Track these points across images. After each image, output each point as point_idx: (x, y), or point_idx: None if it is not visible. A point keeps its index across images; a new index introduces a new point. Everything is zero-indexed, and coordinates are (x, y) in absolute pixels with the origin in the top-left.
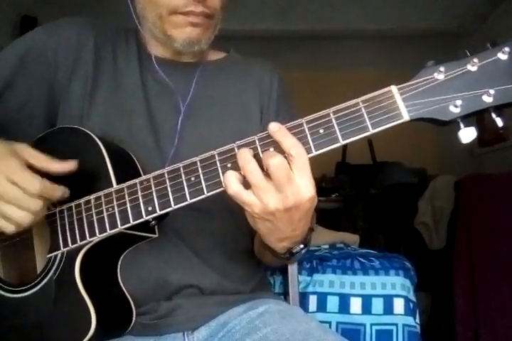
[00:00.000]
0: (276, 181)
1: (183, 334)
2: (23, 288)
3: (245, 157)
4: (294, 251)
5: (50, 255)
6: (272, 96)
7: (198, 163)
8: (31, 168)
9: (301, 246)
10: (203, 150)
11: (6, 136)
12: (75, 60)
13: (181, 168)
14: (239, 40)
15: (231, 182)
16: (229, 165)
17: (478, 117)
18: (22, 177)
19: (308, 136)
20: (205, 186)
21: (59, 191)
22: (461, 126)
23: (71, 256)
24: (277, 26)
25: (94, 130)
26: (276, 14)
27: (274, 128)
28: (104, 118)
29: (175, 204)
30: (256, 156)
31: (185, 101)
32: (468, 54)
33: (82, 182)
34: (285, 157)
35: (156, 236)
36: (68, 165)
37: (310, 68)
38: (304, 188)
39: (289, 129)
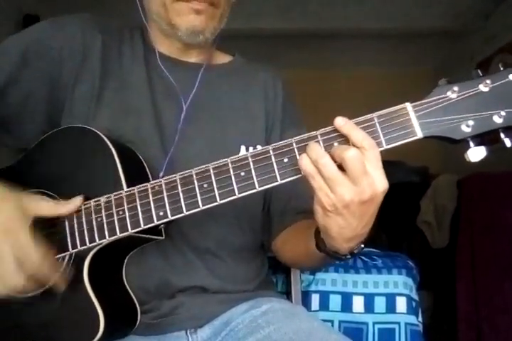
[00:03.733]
0: (352, 174)
1: (186, 333)
2: None
3: (318, 151)
4: (356, 251)
5: (59, 256)
6: (277, 101)
7: (211, 170)
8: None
9: (362, 245)
10: (205, 149)
11: (8, 135)
12: (81, 60)
13: (194, 175)
14: (240, 39)
15: (306, 164)
16: (242, 173)
17: None
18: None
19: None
20: (218, 194)
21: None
22: (471, 145)
23: (80, 257)
24: (279, 25)
25: (101, 131)
26: (278, 12)
27: (341, 122)
28: (111, 120)
29: (187, 211)
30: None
31: (187, 100)
32: (481, 74)
33: (91, 183)
34: None
35: (163, 238)
36: (74, 205)
37: (311, 66)
38: (378, 180)
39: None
